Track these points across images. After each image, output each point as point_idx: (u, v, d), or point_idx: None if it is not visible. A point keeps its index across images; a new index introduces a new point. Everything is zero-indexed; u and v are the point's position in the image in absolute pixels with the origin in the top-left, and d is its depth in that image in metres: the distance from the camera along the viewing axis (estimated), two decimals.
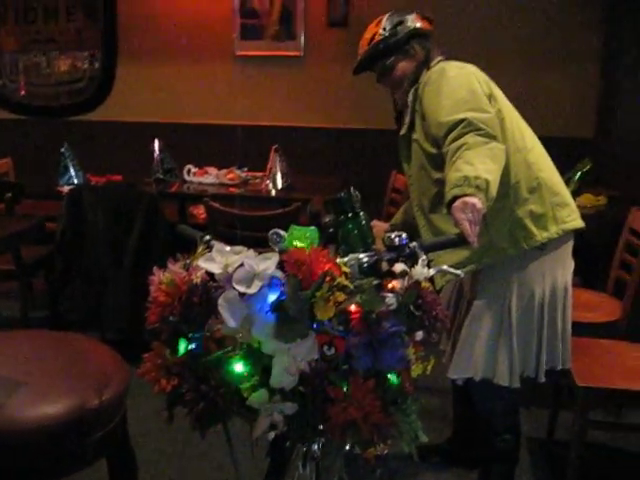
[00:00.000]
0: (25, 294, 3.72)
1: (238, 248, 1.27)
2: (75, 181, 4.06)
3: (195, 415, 1.21)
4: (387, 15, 2.28)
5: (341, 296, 1.19)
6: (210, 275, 1.29)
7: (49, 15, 5.20)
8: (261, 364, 1.23)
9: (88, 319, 3.54)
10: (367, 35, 2.30)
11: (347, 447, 1.25)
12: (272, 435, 1.22)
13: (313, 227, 1.34)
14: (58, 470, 1.58)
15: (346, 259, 1.26)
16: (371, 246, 1.36)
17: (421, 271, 1.23)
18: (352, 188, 1.49)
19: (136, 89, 5.16)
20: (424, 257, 1.30)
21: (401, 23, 2.24)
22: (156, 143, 4.20)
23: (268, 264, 1.23)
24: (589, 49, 4.69)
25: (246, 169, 4.33)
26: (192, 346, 1.27)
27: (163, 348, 1.29)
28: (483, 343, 2.13)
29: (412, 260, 1.29)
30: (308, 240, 1.29)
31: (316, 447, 1.35)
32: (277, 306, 1.21)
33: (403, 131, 2.26)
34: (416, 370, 1.23)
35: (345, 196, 1.48)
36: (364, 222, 1.45)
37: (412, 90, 2.19)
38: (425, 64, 2.18)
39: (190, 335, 1.28)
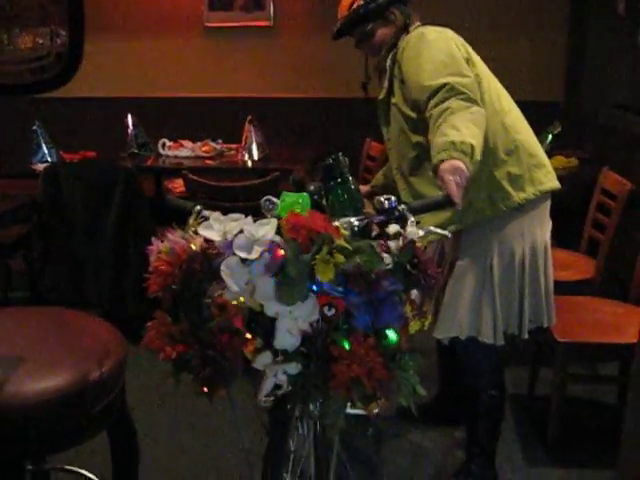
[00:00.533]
0: (4, 275, 3.70)
1: (235, 215, 1.30)
2: (49, 159, 4.02)
3: (201, 380, 1.25)
4: None
5: (340, 258, 1.22)
6: (208, 242, 1.32)
7: None
8: (263, 327, 1.27)
9: (70, 297, 3.54)
10: (344, 2, 2.31)
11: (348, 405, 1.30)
12: (278, 393, 1.27)
13: (304, 193, 1.37)
14: (62, 442, 1.61)
15: (338, 223, 1.30)
16: (361, 210, 1.40)
17: (414, 231, 1.28)
18: (340, 154, 1.52)
19: (105, 64, 5.10)
20: (412, 219, 1.34)
21: None
22: (129, 118, 4.17)
23: (267, 229, 1.26)
24: (556, 14, 4.75)
25: (221, 141, 4.32)
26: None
27: (165, 316, 1.32)
28: (467, 302, 2.19)
29: (401, 222, 1.33)
30: (301, 206, 1.32)
31: (315, 407, 1.40)
32: (278, 269, 1.24)
33: (381, 95, 2.30)
34: (414, 327, 1.27)
35: (334, 162, 1.51)
36: (353, 186, 1.48)
37: (390, 55, 2.22)
38: (404, 29, 2.21)
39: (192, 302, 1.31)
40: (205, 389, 1.29)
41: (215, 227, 1.29)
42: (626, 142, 3.61)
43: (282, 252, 1.25)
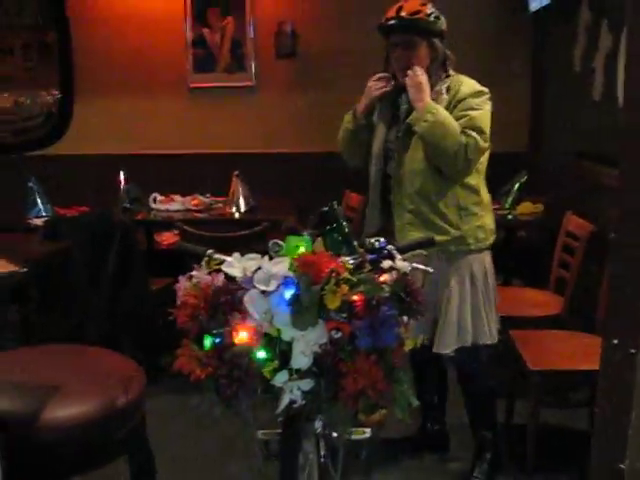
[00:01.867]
0: None
1: (252, 255, 1.52)
2: (44, 213, 4.21)
3: (227, 396, 1.45)
4: (431, 4, 2.56)
5: (346, 288, 1.45)
6: (228, 279, 1.53)
7: (5, 54, 5.35)
8: (280, 350, 1.48)
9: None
10: (410, 6, 2.53)
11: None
12: (294, 406, 1.47)
13: (306, 236, 1.60)
14: (89, 463, 1.79)
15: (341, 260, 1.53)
16: (355, 249, 1.63)
17: (405, 265, 1.51)
18: (335, 203, 1.76)
19: (94, 123, 5.34)
20: (399, 256, 1.57)
21: (440, 19, 2.55)
22: (121, 174, 4.39)
23: (281, 266, 1.49)
24: (520, 69, 5.11)
25: (209, 195, 4.55)
26: (217, 340, 1.52)
27: (191, 344, 1.53)
28: (468, 314, 2.60)
29: (390, 259, 1.57)
30: (304, 247, 1.55)
31: (324, 419, 1.60)
32: (293, 300, 1.46)
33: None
34: (409, 345, 1.49)
35: (330, 209, 1.74)
36: (347, 230, 1.71)
37: (443, 86, 2.55)
38: (442, 64, 2.56)
39: (214, 331, 1.52)
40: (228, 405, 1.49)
41: (235, 265, 1.51)
42: (586, 188, 3.91)
43: (295, 285, 1.47)
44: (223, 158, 5.16)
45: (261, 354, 1.48)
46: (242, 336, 1.48)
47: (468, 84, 2.56)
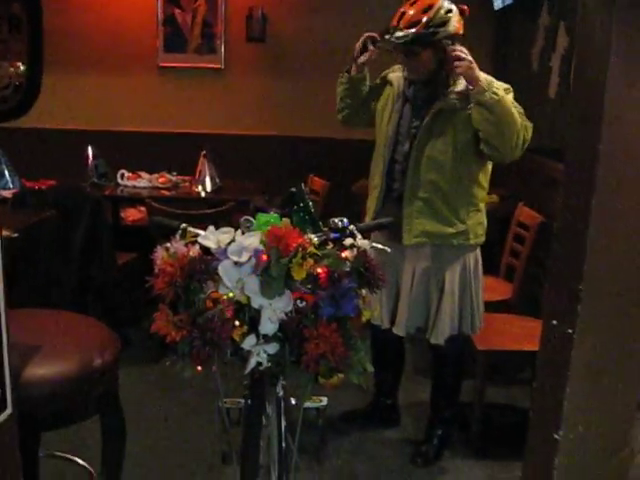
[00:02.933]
0: None
1: (226, 229, 1.66)
2: (11, 186, 4.26)
3: (200, 357, 1.59)
4: (437, 6, 2.55)
5: (311, 262, 1.60)
6: (203, 250, 1.67)
7: None
8: (249, 316, 1.63)
9: None
10: (411, 16, 2.56)
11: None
12: (260, 368, 1.62)
13: (274, 214, 1.74)
14: (65, 420, 1.91)
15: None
16: (319, 228, 1.78)
17: (365, 243, 1.67)
18: (302, 184, 1.90)
19: (63, 97, 5.38)
20: (360, 236, 1.73)
21: (444, 24, 2.56)
22: (90, 149, 4.46)
23: (253, 240, 1.63)
24: (481, 67, 5.29)
25: (176, 173, 4.66)
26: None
27: (167, 309, 1.66)
28: (465, 305, 2.79)
29: (352, 238, 1.72)
30: (274, 223, 1.69)
31: (281, 390, 1.77)
32: (262, 270, 1.61)
33: (443, 105, 2.65)
34: (365, 315, 1.65)
35: (298, 191, 1.89)
36: (312, 210, 1.85)
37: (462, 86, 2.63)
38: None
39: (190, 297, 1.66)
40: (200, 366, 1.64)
41: (211, 238, 1.65)
42: (539, 182, 4.12)
43: (266, 257, 1.61)
44: (190, 138, 5.26)
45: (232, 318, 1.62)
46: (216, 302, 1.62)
47: (497, 83, 2.59)
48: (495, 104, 2.48)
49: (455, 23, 2.61)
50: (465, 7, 2.66)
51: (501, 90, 2.52)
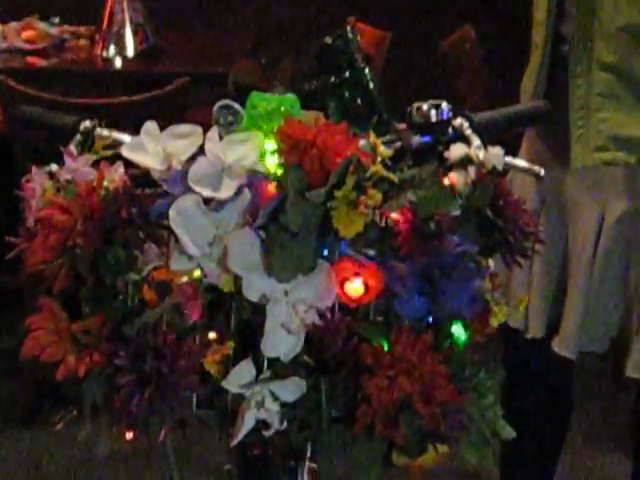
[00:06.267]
0: None
1: (185, 127, 0.79)
2: None
3: (134, 414, 0.73)
4: None
5: (377, 195, 0.74)
6: (133, 178, 0.81)
7: None
8: (239, 320, 0.78)
9: None
10: None
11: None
12: (265, 435, 0.76)
13: (290, 95, 0.86)
14: None
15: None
16: (389, 123, 0.90)
17: (496, 154, 0.80)
18: (348, 26, 0.99)
19: None
20: (478, 142, 0.86)
21: None
22: None
23: (246, 150, 0.77)
24: None
25: (59, 20, 2.73)
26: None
27: (56, 306, 0.80)
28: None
29: (464, 144, 0.85)
30: (287, 112, 0.82)
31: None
32: (268, 219, 0.75)
33: None
34: (498, 316, 0.80)
35: (339, 40, 0.97)
36: (371, 83, 0.95)
37: None
38: None
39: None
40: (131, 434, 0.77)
41: (150, 148, 0.78)
42: None
43: (274, 188, 0.76)
44: None
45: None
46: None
47: None
48: None
49: None
50: None
51: None
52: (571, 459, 1.94)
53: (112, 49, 2.57)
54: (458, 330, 0.78)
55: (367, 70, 0.90)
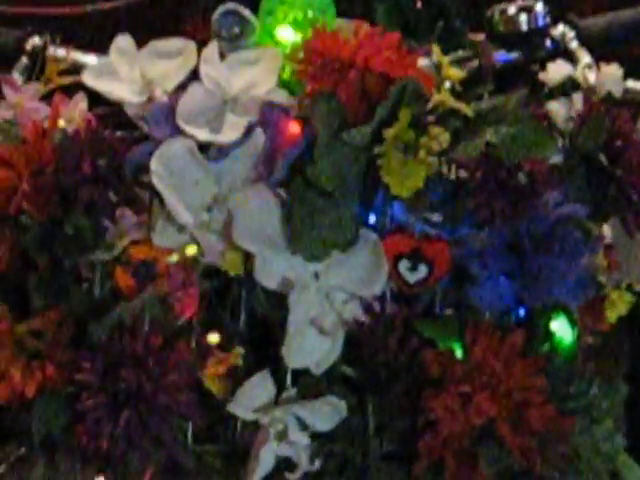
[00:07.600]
0: None
1: (177, 43, 0.60)
2: None
3: (110, 450, 0.54)
4: None
5: (444, 136, 0.54)
6: (101, 116, 0.65)
7: None
8: (249, 317, 0.59)
9: None
10: None
11: None
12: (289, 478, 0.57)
13: None
14: None
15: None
16: (462, 33, 0.70)
17: (614, 74, 0.61)
18: None
19: None
20: (587, 59, 0.66)
21: None
22: None
23: (258, 74, 0.58)
24: None
25: None
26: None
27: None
28: None
29: (568, 60, 0.66)
30: (315, 17, 0.62)
31: None
32: (290, 172, 0.56)
33: None
34: (618, 307, 0.60)
35: None
36: None
37: None
38: None
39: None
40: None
41: (123, 72, 0.60)
42: None
43: (298, 127, 0.56)
44: None
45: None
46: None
47: None
48: None
49: None
50: None
51: None
52: None
53: None
54: (561, 327, 0.59)
55: None
